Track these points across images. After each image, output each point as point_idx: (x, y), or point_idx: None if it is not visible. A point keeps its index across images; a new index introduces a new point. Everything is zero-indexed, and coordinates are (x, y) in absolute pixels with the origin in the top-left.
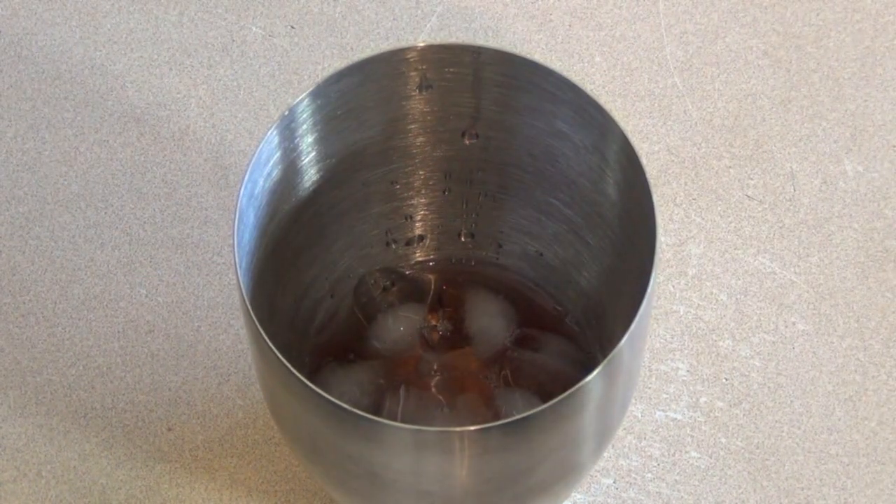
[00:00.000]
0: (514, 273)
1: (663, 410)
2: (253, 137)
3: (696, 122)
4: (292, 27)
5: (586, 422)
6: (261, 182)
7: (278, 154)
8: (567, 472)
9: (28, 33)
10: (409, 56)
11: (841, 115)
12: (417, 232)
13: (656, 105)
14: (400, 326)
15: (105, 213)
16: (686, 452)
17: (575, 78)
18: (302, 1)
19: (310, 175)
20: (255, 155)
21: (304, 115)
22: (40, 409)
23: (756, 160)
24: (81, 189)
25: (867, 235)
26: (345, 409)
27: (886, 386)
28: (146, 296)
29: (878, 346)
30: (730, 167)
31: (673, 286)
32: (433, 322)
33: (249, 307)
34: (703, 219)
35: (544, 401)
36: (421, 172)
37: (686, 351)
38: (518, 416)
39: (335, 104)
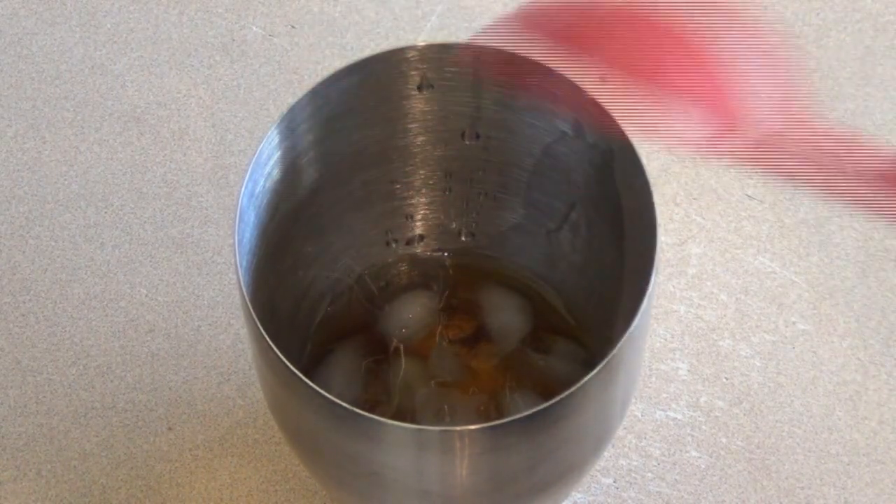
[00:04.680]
0: (514, 273)
1: (663, 410)
2: (253, 137)
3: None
4: (292, 27)
5: (586, 422)
6: (261, 181)
7: (278, 154)
8: (567, 472)
9: (28, 33)
10: (409, 56)
11: (841, 115)
12: (417, 231)
13: None
14: (399, 327)
15: (105, 213)
16: (686, 452)
17: (575, 78)
18: (302, 1)
19: (310, 175)
20: (256, 155)
21: (304, 115)
22: (40, 408)
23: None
24: (81, 189)
25: (867, 235)
26: (345, 408)
27: (886, 386)
28: (146, 295)
29: (878, 346)
30: (730, 166)
31: (673, 286)
32: (433, 322)
33: (250, 306)
34: (703, 218)
35: (544, 401)
36: (421, 172)
37: (686, 351)
38: (518, 416)
39: (335, 104)
